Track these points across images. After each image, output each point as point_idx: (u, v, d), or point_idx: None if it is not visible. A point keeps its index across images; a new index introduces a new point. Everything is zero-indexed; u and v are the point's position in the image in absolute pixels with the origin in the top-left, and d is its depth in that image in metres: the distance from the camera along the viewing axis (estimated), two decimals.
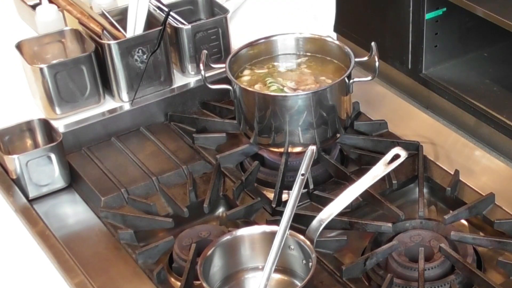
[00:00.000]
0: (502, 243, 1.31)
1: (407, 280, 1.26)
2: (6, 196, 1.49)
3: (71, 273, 1.31)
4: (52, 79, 1.63)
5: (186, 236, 1.35)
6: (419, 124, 1.63)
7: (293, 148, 1.49)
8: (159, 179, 1.51)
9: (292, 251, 1.25)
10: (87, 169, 1.56)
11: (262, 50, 1.59)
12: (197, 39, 1.74)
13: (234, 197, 1.45)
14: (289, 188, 1.33)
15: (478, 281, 1.24)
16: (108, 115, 1.67)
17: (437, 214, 1.45)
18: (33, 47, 1.72)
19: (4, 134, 1.54)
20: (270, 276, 1.19)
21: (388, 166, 1.35)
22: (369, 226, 1.36)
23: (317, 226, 1.31)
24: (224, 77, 1.53)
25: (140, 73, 1.68)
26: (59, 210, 1.49)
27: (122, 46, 1.65)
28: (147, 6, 1.69)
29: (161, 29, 1.66)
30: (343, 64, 1.54)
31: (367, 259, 1.29)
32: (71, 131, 1.63)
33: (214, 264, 1.24)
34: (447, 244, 1.30)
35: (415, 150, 1.51)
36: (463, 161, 1.50)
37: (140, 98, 1.70)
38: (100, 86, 1.69)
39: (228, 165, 1.54)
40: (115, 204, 1.47)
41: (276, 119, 1.46)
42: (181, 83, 1.76)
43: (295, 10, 2.02)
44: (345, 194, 1.33)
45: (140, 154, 1.60)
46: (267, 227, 1.27)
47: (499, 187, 1.42)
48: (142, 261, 1.34)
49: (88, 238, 1.41)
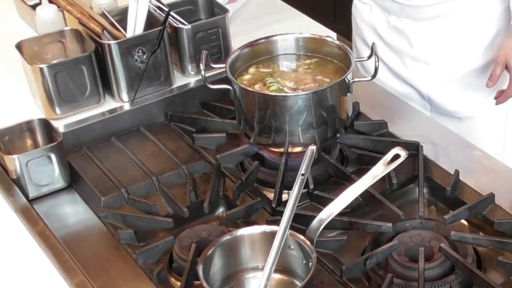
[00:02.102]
0: (502, 243, 1.31)
1: (407, 280, 1.26)
2: (6, 196, 1.49)
3: (71, 273, 1.31)
4: (52, 79, 1.63)
5: (186, 236, 1.35)
6: (419, 124, 1.63)
7: (293, 148, 1.49)
8: (159, 179, 1.51)
9: (292, 251, 1.25)
10: (87, 169, 1.56)
11: (262, 50, 1.59)
12: (197, 39, 1.74)
13: (234, 197, 1.45)
14: (289, 188, 1.33)
15: (478, 281, 1.24)
16: (108, 115, 1.68)
17: (437, 214, 1.45)
18: (33, 47, 1.72)
19: (4, 134, 1.54)
20: (270, 276, 1.19)
21: (388, 166, 1.35)
22: (369, 226, 1.36)
23: (317, 226, 1.31)
24: (224, 77, 1.53)
25: (140, 73, 1.68)
26: (59, 210, 1.48)
27: (122, 46, 1.65)
28: (147, 6, 1.69)
29: (161, 29, 1.66)
30: (343, 64, 1.54)
31: (367, 259, 1.29)
32: (71, 131, 1.63)
33: (214, 264, 1.24)
34: (447, 244, 1.30)
35: (415, 150, 1.51)
36: (463, 161, 1.50)
37: (140, 98, 1.70)
38: (100, 86, 1.69)
39: (228, 165, 1.54)
40: (115, 204, 1.47)
41: (276, 119, 1.46)
42: (181, 83, 1.76)
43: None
44: (345, 194, 1.33)
45: (140, 154, 1.60)
46: (267, 227, 1.27)
47: (499, 187, 1.42)
48: (142, 261, 1.33)
49: (88, 238, 1.40)
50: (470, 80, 1.80)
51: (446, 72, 1.80)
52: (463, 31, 1.75)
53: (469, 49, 1.78)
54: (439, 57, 1.79)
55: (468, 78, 1.80)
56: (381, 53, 1.81)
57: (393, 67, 1.85)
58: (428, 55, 1.79)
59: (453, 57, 1.78)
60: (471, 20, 1.74)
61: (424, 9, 1.74)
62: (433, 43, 1.77)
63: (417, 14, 1.74)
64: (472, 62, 1.78)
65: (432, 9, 1.73)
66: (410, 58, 1.81)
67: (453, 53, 1.78)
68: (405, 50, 1.81)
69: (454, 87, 1.81)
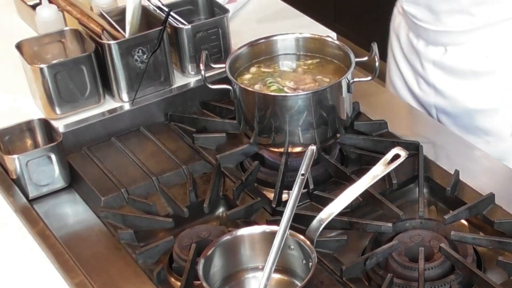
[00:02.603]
0: (502, 243, 1.31)
1: (407, 280, 1.26)
2: (6, 196, 1.49)
3: (71, 273, 1.31)
4: (52, 79, 1.63)
5: (186, 236, 1.35)
6: (419, 124, 1.63)
7: (293, 148, 1.49)
8: (159, 179, 1.51)
9: (292, 251, 1.25)
10: (87, 169, 1.56)
11: (262, 50, 1.59)
12: (197, 39, 1.74)
13: (234, 197, 1.45)
14: (289, 188, 1.33)
15: (478, 281, 1.24)
16: (108, 115, 1.68)
17: (437, 214, 1.45)
18: (33, 47, 1.72)
19: (4, 134, 1.54)
20: (270, 276, 1.19)
21: (388, 166, 1.35)
22: (369, 226, 1.36)
23: (317, 226, 1.31)
24: (224, 77, 1.53)
25: (140, 73, 1.68)
26: (59, 210, 1.49)
27: (122, 46, 1.65)
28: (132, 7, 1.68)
29: (161, 29, 1.66)
30: (343, 64, 1.54)
31: (367, 259, 1.29)
32: (71, 131, 1.63)
33: (214, 264, 1.24)
34: (447, 244, 1.30)
35: (415, 150, 1.51)
36: (463, 161, 1.50)
37: (140, 98, 1.70)
38: (100, 86, 1.69)
39: (228, 165, 1.54)
40: (115, 204, 1.47)
41: (276, 119, 1.46)
42: (181, 83, 1.76)
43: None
44: (345, 194, 1.33)
45: (140, 154, 1.60)
46: (267, 227, 1.27)
47: (499, 187, 1.42)
48: (142, 261, 1.33)
49: (88, 238, 1.41)
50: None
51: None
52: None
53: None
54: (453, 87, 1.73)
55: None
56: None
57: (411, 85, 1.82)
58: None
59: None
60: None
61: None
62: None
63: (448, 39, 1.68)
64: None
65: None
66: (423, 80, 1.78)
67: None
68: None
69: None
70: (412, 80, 1.79)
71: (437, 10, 1.62)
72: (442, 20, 1.63)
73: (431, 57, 1.70)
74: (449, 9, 1.60)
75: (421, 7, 1.66)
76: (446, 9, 1.60)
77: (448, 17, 1.61)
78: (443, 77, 1.71)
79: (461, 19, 1.60)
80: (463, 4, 1.58)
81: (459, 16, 1.60)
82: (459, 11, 1.59)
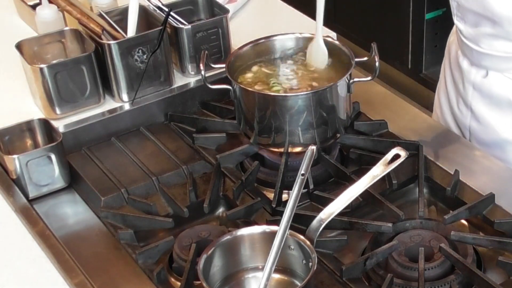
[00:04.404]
0: (502, 243, 1.31)
1: (407, 280, 1.26)
2: (6, 196, 1.49)
3: (71, 273, 1.31)
4: (52, 79, 1.63)
5: (186, 236, 1.35)
6: (419, 124, 1.63)
7: (293, 148, 1.49)
8: (159, 179, 1.51)
9: (292, 251, 1.25)
10: (87, 169, 1.56)
11: (262, 50, 1.59)
12: (197, 39, 1.74)
13: (234, 197, 1.45)
14: (289, 188, 1.33)
15: (478, 281, 1.24)
16: (108, 115, 1.68)
17: (437, 214, 1.45)
18: (33, 47, 1.72)
19: (4, 134, 1.54)
20: (270, 276, 1.19)
21: (388, 166, 1.35)
22: (369, 226, 1.36)
23: (317, 226, 1.31)
24: (224, 77, 1.53)
25: (140, 73, 1.68)
26: (59, 210, 1.49)
27: (122, 46, 1.65)
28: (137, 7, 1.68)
29: (161, 29, 1.66)
30: (343, 64, 1.54)
31: (367, 259, 1.29)
32: (71, 131, 1.63)
33: (214, 264, 1.24)
34: (447, 244, 1.30)
35: (415, 150, 1.51)
36: (463, 161, 1.50)
37: (140, 98, 1.70)
38: (100, 86, 1.69)
39: (228, 165, 1.54)
40: (115, 204, 1.47)
41: (276, 119, 1.46)
42: (181, 83, 1.76)
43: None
44: (345, 194, 1.33)
45: (140, 154, 1.60)
46: (267, 227, 1.27)
47: (499, 187, 1.42)
48: (142, 261, 1.34)
49: (88, 238, 1.41)
50: None
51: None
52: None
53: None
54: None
55: None
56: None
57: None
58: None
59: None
60: None
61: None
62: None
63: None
64: None
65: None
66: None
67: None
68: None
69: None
70: (453, 98, 1.74)
71: (483, 32, 1.57)
72: (486, 42, 1.57)
73: (472, 78, 1.64)
74: (494, 33, 1.56)
75: (468, 25, 1.60)
76: (491, 32, 1.55)
77: (492, 40, 1.56)
78: (481, 100, 1.65)
79: (505, 45, 1.56)
80: (509, 31, 1.54)
81: (503, 42, 1.56)
82: (504, 37, 1.55)
